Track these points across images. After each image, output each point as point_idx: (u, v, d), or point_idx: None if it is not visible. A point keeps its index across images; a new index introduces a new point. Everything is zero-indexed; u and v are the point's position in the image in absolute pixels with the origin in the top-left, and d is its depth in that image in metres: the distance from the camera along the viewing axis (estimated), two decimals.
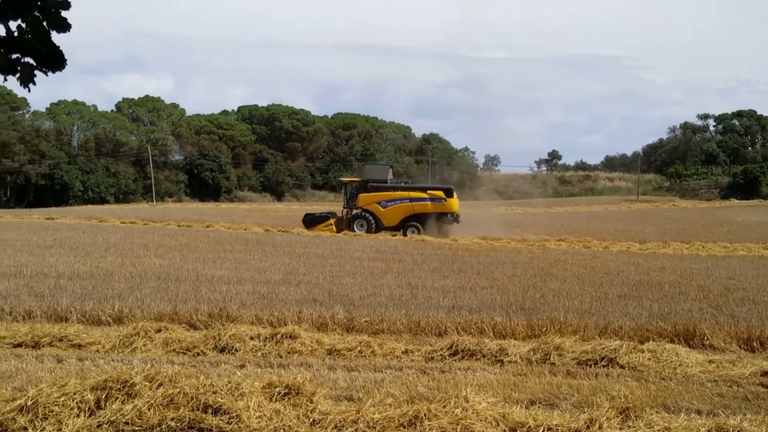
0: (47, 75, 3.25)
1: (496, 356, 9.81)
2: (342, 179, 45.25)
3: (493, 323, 11.40)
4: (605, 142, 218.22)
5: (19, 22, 3.07)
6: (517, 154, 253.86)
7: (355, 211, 37.32)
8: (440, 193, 36.90)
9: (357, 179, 40.38)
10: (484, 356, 9.85)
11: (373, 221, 36.46)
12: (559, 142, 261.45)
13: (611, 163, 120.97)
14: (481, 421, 6.45)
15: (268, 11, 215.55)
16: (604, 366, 9.47)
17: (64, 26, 3.13)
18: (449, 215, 36.70)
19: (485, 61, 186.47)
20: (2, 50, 3.12)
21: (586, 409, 7.11)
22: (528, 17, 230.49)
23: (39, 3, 3.07)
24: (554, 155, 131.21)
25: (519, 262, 21.15)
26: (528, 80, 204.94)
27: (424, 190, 37.72)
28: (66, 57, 3.20)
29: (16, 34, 3.09)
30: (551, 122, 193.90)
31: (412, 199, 36.71)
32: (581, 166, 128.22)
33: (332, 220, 37.33)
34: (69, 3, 3.11)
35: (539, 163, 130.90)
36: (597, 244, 29.39)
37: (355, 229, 36.36)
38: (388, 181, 38.52)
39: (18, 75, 3.19)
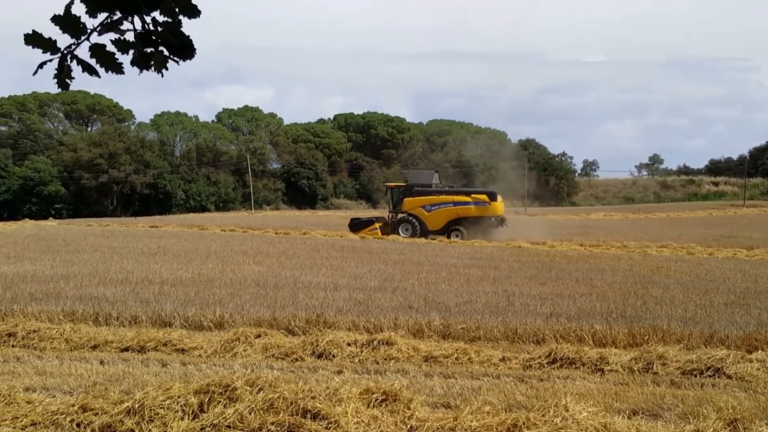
0: (178, 64, 3.37)
1: (596, 365, 9.60)
2: (388, 184, 45.64)
3: (592, 331, 11.16)
4: (709, 146, 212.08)
5: (153, 14, 3.21)
6: (616, 158, 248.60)
7: (400, 215, 37.56)
8: (484, 197, 36.70)
9: (402, 184, 40.75)
10: (583, 365, 9.65)
11: (417, 225, 36.66)
12: (660, 146, 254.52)
13: (716, 167, 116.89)
14: (581, 430, 6.31)
15: (366, 22, 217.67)
16: (710, 376, 9.14)
17: (194, 12, 3.25)
18: (493, 219, 36.46)
19: (584, 65, 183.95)
20: (138, 45, 3.25)
21: (691, 420, 6.90)
22: (628, 19, 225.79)
23: None
24: (655, 159, 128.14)
25: (619, 269, 20.67)
26: (628, 83, 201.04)
27: (468, 194, 37.63)
28: (195, 47, 3.36)
29: (150, 27, 3.22)
30: (653, 126, 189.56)
31: (456, 203, 36.61)
32: (684, 170, 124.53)
33: (377, 225, 37.75)
34: None
35: (640, 167, 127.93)
36: (701, 251, 28.41)
37: (400, 232, 36.68)
38: (432, 186, 38.54)
39: (152, 67, 3.33)
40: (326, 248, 27.27)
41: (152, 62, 3.32)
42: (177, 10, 3.22)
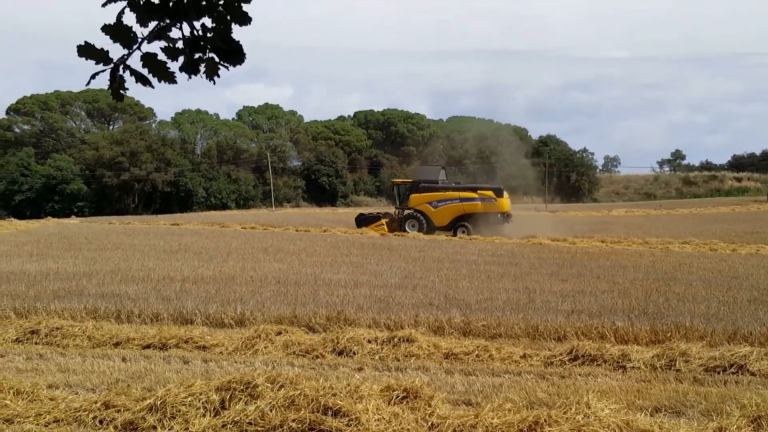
0: (228, 69, 3.37)
1: (618, 362, 9.54)
2: (394, 180, 45.69)
3: (614, 328, 11.09)
4: (732, 142, 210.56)
5: (203, 20, 3.21)
6: (638, 154, 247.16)
7: (407, 212, 37.66)
8: (490, 193, 36.76)
9: (409, 180, 40.74)
10: (605, 362, 9.59)
11: (424, 221, 36.75)
12: (682, 141, 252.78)
13: (739, 163, 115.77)
14: (603, 428, 6.26)
15: (384, 20, 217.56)
16: (733, 373, 9.05)
17: (245, 20, 3.26)
18: (499, 215, 36.45)
19: (606, 62, 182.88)
20: (187, 51, 3.25)
21: (714, 417, 6.84)
22: (649, 15, 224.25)
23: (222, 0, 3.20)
24: (678, 155, 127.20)
25: (641, 266, 20.53)
26: (650, 79, 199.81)
27: (474, 190, 37.59)
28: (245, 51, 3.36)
29: (200, 33, 3.22)
30: (674, 122, 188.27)
31: (462, 199, 36.74)
32: (706, 166, 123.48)
33: (384, 220, 37.90)
34: None
35: (661, 163, 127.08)
36: (724, 247, 28.14)
37: (407, 228, 36.79)
38: (439, 182, 38.57)
39: (203, 72, 3.32)
40: (346, 245, 27.28)
41: (201, 68, 3.31)
42: (228, 17, 3.22)
